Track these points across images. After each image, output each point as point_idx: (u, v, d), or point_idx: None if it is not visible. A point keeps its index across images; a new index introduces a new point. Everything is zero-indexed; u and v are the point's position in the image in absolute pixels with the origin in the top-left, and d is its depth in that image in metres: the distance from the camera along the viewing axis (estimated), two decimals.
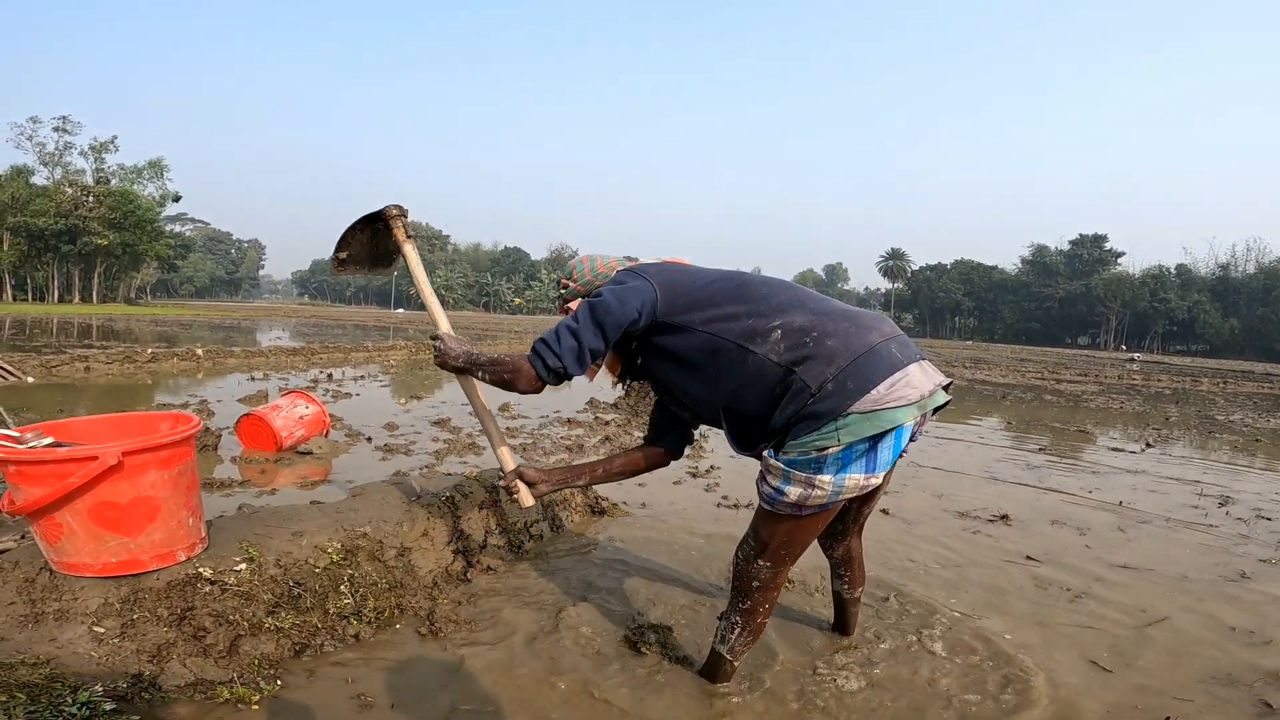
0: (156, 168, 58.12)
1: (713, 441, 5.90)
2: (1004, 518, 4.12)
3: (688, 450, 2.32)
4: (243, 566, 2.07)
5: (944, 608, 2.68)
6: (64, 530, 1.80)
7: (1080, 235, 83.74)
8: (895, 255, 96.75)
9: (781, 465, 1.71)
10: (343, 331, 23.98)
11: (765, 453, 1.78)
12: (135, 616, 1.91)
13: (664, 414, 2.22)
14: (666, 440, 2.23)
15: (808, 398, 1.65)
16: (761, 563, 1.86)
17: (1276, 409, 13.53)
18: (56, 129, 54.37)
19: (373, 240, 2.42)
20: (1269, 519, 4.53)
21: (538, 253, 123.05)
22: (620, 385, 2.18)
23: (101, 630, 1.88)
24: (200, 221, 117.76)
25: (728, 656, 1.98)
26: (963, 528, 3.90)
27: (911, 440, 1.80)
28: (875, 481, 1.72)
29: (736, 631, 1.95)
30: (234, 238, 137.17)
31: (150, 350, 10.76)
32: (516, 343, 20.17)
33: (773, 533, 1.82)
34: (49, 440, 1.88)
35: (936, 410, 1.80)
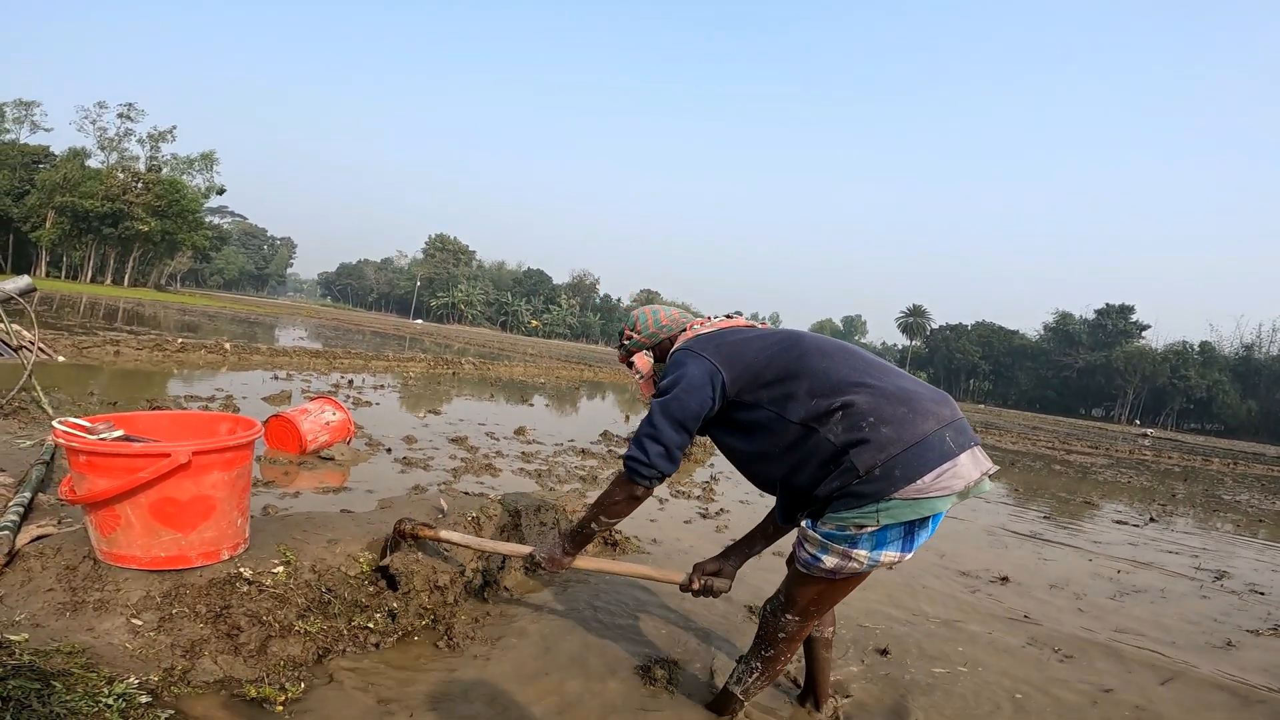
0: (208, 160, 59.88)
1: (722, 485, 5.99)
2: (1004, 579, 4.19)
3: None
4: (280, 569, 2.19)
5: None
6: (121, 522, 1.93)
7: (1107, 305, 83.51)
8: (916, 312, 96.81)
9: (819, 537, 1.78)
10: (361, 337, 24.30)
11: (804, 522, 1.86)
12: (174, 611, 2.01)
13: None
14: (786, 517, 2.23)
15: (854, 478, 1.70)
16: (790, 617, 1.94)
17: None
18: (121, 115, 56.13)
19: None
20: (1261, 593, 4.60)
21: (559, 276, 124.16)
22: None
23: (139, 623, 1.96)
24: (239, 215, 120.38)
25: (740, 697, 2.08)
26: (964, 586, 3.96)
27: None
28: (908, 558, 1.79)
29: (755, 676, 2.04)
30: (268, 234, 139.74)
31: (180, 340, 11.02)
32: (530, 365, 20.37)
33: (804, 592, 1.91)
34: (119, 433, 2.01)
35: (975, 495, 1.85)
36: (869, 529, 1.72)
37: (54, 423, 1.93)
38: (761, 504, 5.50)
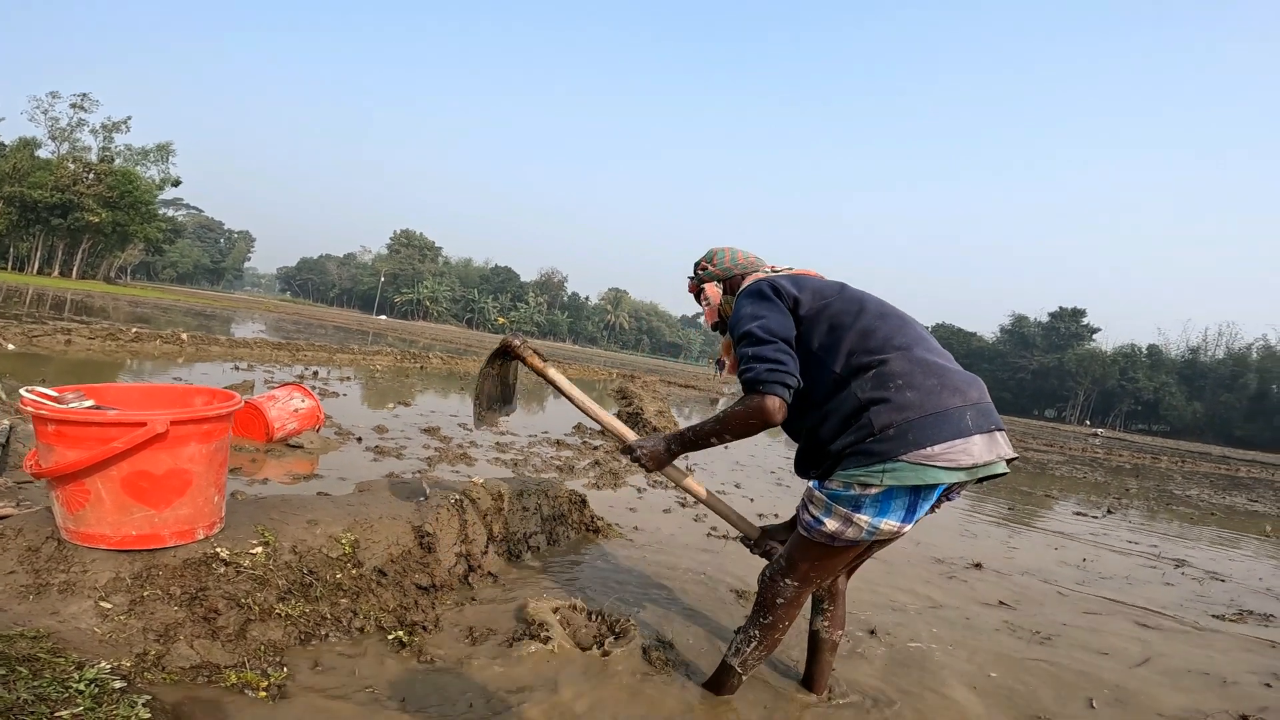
0: (164, 151, 58.07)
1: (699, 475, 5.98)
2: (977, 565, 4.26)
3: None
4: (259, 550, 2.10)
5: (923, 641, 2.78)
6: (90, 498, 1.81)
7: (1060, 309, 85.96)
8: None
9: (824, 498, 1.80)
10: (325, 332, 23.75)
11: (811, 484, 1.88)
12: (146, 593, 1.90)
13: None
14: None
15: (868, 435, 1.73)
16: (789, 581, 1.95)
17: (1231, 488, 13.96)
18: (74, 105, 54.08)
19: (500, 375, 2.51)
20: (1222, 580, 4.75)
21: (527, 274, 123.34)
22: (719, 369, 2.22)
23: (109, 606, 1.85)
24: (194, 208, 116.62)
25: (738, 669, 2.07)
26: (939, 573, 4.01)
27: (948, 499, 1.89)
28: (907, 530, 1.80)
29: (753, 645, 2.03)
30: (225, 227, 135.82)
31: (134, 329, 10.63)
32: None
33: (805, 556, 1.92)
34: (90, 403, 1.90)
35: (988, 479, 1.86)
36: (873, 490, 1.73)
37: (22, 390, 1.81)
38: (736, 494, 5.51)
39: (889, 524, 1.76)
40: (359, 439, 5.31)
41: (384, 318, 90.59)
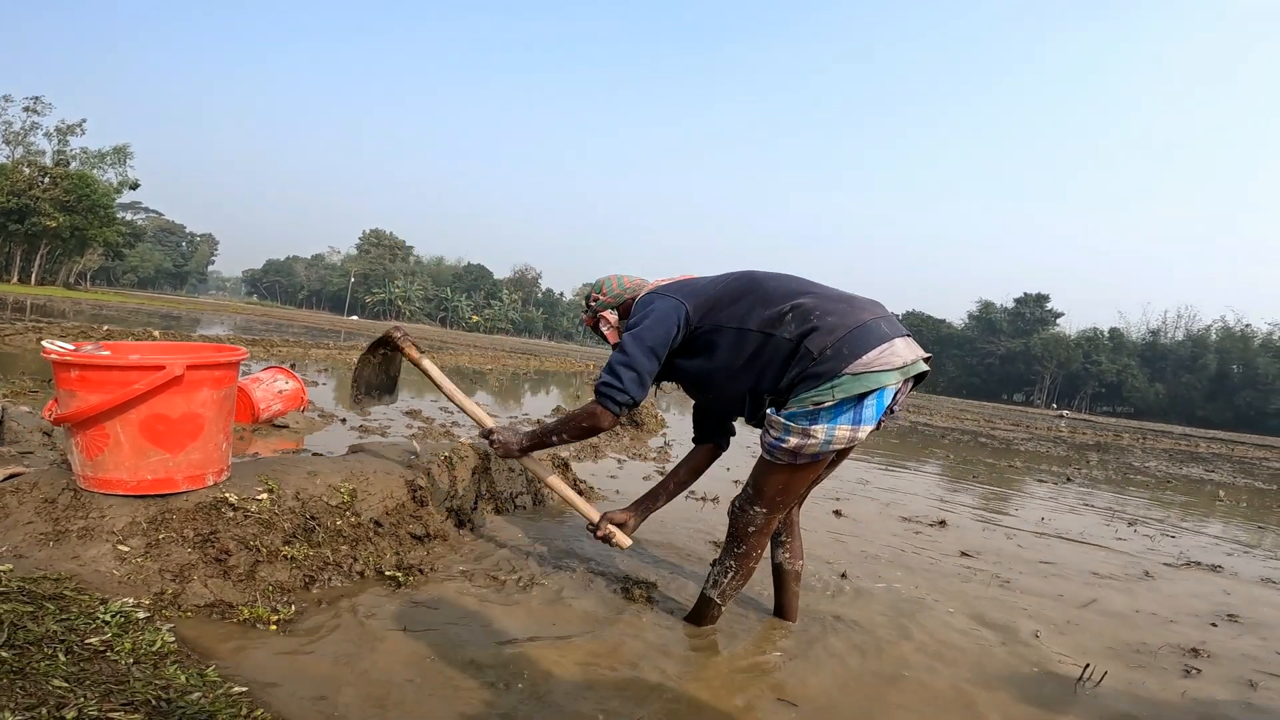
0: (120, 154, 56.83)
1: (676, 450, 6.17)
2: (941, 523, 4.50)
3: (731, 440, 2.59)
4: (264, 496, 2.23)
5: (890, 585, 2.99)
6: (110, 441, 1.93)
7: (1025, 294, 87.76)
8: None
9: (782, 419, 1.99)
10: (296, 331, 23.49)
11: (769, 411, 2.06)
12: (161, 536, 2.02)
13: (702, 415, 2.52)
14: (713, 436, 2.53)
15: (809, 361, 1.95)
16: (757, 509, 2.13)
17: (1189, 461, 14.55)
18: (27, 109, 52.69)
19: (383, 364, 2.71)
20: (1173, 536, 5.06)
21: (501, 271, 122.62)
22: (653, 387, 2.39)
23: (126, 549, 1.97)
24: (154, 211, 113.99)
25: (717, 600, 2.25)
26: (905, 528, 4.25)
27: (891, 413, 2.08)
28: (861, 435, 1.99)
29: (730, 575, 2.20)
30: (187, 230, 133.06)
31: (106, 328, 10.54)
32: (477, 354, 20.20)
33: (770, 480, 2.11)
34: (106, 353, 2.02)
35: (919, 381, 2.10)
36: (826, 404, 1.93)
37: (44, 342, 1.92)
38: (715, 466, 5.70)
39: (843, 430, 1.95)
40: (343, 420, 5.41)
41: (355, 318, 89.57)
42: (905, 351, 2.00)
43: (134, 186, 58.61)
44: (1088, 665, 2.30)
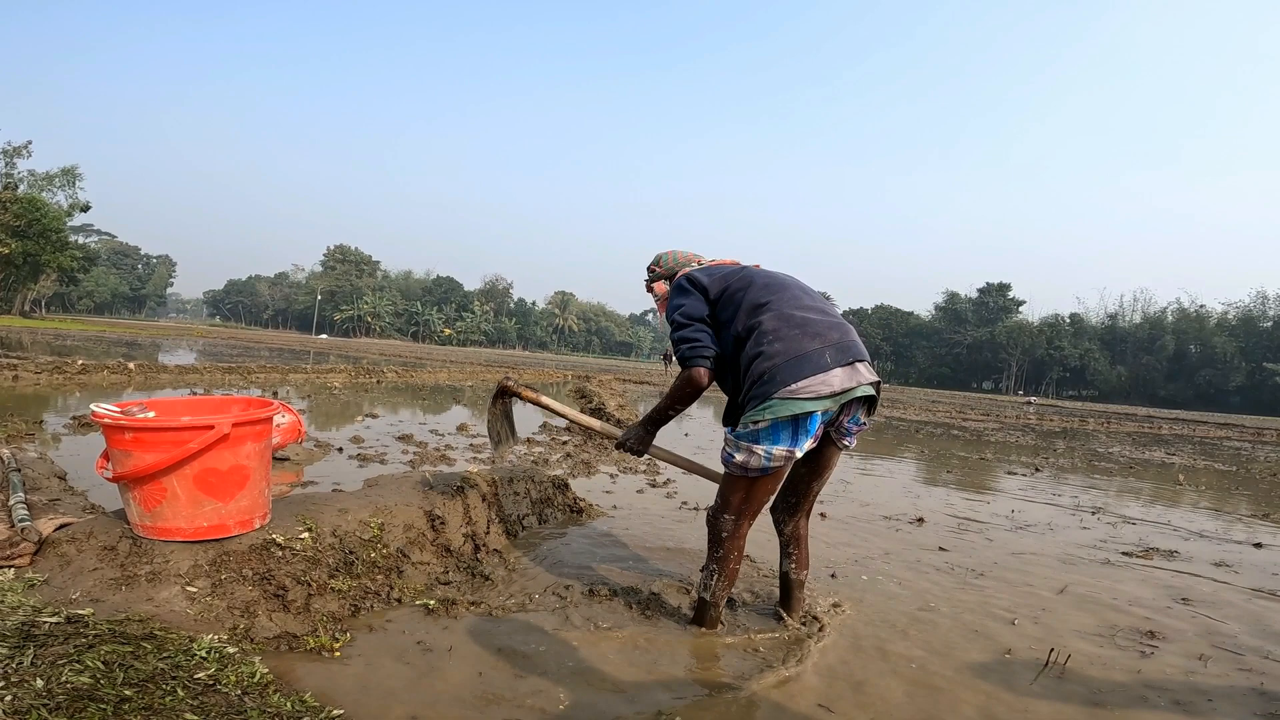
0: (70, 175, 55.26)
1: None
2: (920, 520, 4.79)
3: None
4: (305, 535, 2.41)
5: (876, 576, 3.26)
6: (167, 494, 2.10)
7: (987, 284, 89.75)
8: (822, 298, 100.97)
9: (733, 438, 2.31)
10: (266, 355, 23.17)
11: (726, 430, 2.38)
12: (223, 576, 2.18)
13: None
14: None
15: (754, 383, 2.23)
16: (727, 517, 2.42)
17: (1152, 444, 15.15)
18: None
19: (504, 412, 3.03)
20: (1133, 523, 5.41)
21: (471, 283, 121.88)
22: (666, 362, 2.77)
23: (194, 590, 2.13)
24: (106, 234, 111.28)
25: (711, 601, 2.48)
26: (886, 527, 4.53)
27: (848, 432, 2.37)
28: (797, 454, 2.25)
29: (715, 578, 2.46)
30: (142, 252, 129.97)
31: (80, 362, 10.45)
32: (454, 369, 20.24)
33: (732, 491, 2.39)
34: (151, 414, 2.19)
35: (869, 404, 2.38)
36: (762, 425, 2.21)
37: (93, 406, 2.08)
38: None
39: (780, 450, 2.23)
40: (339, 449, 5.54)
41: (325, 336, 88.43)
42: (842, 380, 2.24)
43: (85, 209, 57.15)
44: (1051, 650, 2.58)
